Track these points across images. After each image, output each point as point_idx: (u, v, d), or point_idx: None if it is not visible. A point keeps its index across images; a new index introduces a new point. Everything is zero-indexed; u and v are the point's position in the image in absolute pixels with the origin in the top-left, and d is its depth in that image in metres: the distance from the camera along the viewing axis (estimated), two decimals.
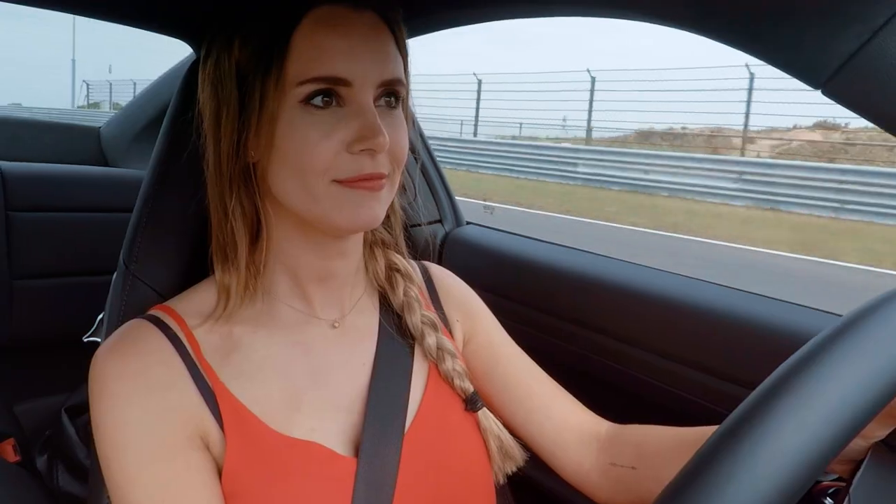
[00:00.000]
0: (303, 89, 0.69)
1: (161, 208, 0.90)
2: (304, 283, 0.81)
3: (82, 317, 0.91)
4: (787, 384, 0.43)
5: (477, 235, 1.61)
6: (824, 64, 0.58)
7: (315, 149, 0.69)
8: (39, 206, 1.69)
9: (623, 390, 1.25)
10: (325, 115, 0.70)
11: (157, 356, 0.72)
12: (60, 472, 1.07)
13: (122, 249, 0.91)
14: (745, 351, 1.03)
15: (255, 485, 0.70)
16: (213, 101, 0.74)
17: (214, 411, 0.72)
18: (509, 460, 0.86)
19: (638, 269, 1.30)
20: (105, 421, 0.70)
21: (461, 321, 0.95)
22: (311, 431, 0.75)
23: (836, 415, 0.41)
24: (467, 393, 0.85)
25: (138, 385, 0.70)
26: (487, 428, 0.86)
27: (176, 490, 0.68)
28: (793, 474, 0.40)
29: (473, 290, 1.01)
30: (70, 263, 1.73)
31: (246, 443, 0.71)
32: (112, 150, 2.14)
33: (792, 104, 13.29)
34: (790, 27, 0.60)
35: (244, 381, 0.75)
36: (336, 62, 0.69)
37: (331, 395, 0.79)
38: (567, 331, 1.32)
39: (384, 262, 0.90)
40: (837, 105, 0.60)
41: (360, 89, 0.71)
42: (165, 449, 0.69)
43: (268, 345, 0.78)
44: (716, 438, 0.43)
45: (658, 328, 1.16)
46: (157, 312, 0.77)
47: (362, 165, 0.71)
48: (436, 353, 0.85)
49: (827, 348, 0.44)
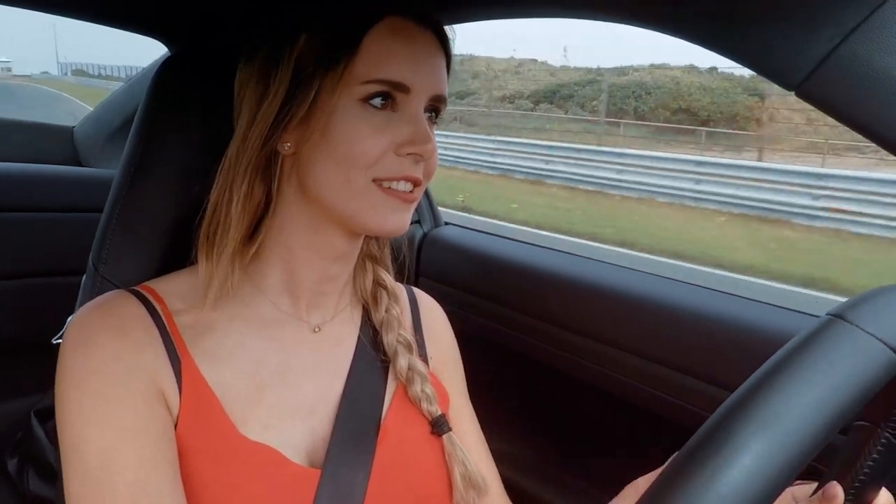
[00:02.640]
0: (365, 88, 0.72)
1: (131, 209, 0.88)
2: (296, 284, 0.81)
3: (52, 319, 0.90)
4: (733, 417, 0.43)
5: (455, 236, 1.61)
6: (797, 66, 0.59)
7: (365, 143, 0.72)
8: (9, 206, 1.66)
9: (598, 389, 1.25)
10: (379, 115, 0.73)
11: (135, 318, 0.74)
12: (31, 475, 1.05)
13: (91, 251, 0.90)
14: (720, 350, 1.04)
15: (198, 469, 0.71)
16: (260, 86, 0.75)
17: (178, 379, 0.73)
18: (472, 490, 0.85)
19: (615, 270, 1.31)
20: (74, 367, 0.70)
21: (435, 359, 0.95)
22: (265, 428, 0.75)
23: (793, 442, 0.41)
24: (434, 416, 0.85)
25: (115, 337, 0.72)
26: (452, 454, 0.85)
27: (132, 431, 0.68)
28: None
29: (451, 289, 1.02)
30: (40, 264, 1.70)
31: (199, 421, 0.72)
32: (86, 149, 2.11)
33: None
34: (763, 30, 0.61)
35: (213, 363, 0.75)
36: (401, 68, 0.73)
37: (297, 399, 0.79)
38: (543, 330, 1.33)
39: (372, 276, 0.91)
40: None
41: (415, 97, 0.75)
42: (130, 396, 0.69)
43: (243, 334, 0.78)
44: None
45: (634, 328, 1.17)
46: (136, 288, 0.78)
47: (405, 167, 0.74)
48: (406, 375, 0.85)
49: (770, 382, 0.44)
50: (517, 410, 1.46)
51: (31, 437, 1.03)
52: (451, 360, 0.99)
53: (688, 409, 1.07)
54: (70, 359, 0.71)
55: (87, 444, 0.67)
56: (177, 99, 0.90)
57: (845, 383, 0.43)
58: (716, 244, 9.05)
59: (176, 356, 0.74)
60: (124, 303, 0.75)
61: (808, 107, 0.63)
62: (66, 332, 0.73)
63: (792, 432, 0.41)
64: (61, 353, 0.72)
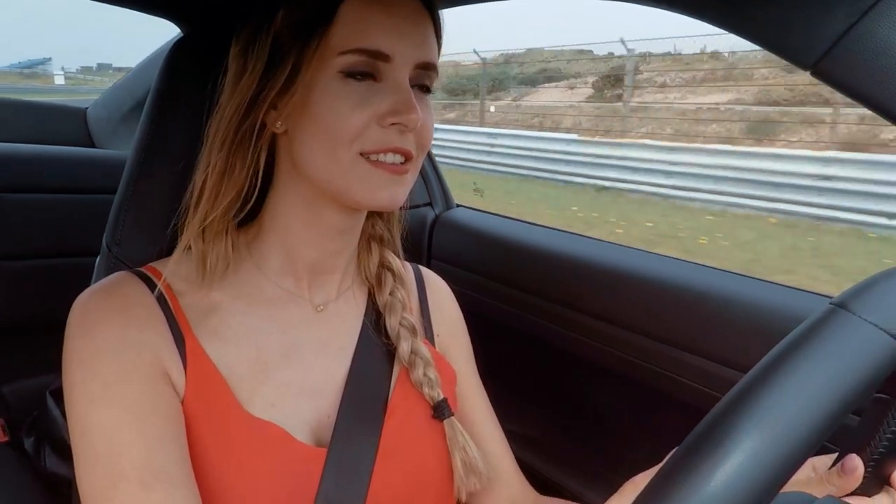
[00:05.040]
0: (344, 59, 0.71)
1: (144, 190, 0.89)
2: (296, 263, 0.81)
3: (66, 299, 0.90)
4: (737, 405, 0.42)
5: (467, 218, 1.61)
6: (813, 45, 0.58)
7: (348, 118, 0.71)
8: (23, 188, 1.67)
9: (611, 372, 1.25)
10: (361, 87, 0.72)
11: (138, 299, 0.74)
12: (47, 453, 1.06)
13: (105, 231, 0.90)
14: (737, 333, 1.03)
15: (205, 447, 0.71)
16: (239, 63, 0.75)
17: (183, 359, 0.73)
18: (473, 476, 0.85)
19: (627, 252, 1.31)
20: (79, 347, 0.71)
21: (441, 337, 0.95)
22: (271, 406, 0.75)
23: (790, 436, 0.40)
24: (436, 401, 0.85)
25: (118, 317, 0.72)
26: (453, 439, 0.85)
27: (137, 411, 0.68)
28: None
29: (463, 272, 1.01)
30: (54, 245, 1.72)
31: (205, 400, 0.72)
32: (99, 131, 2.12)
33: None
34: (779, 8, 0.60)
35: (217, 343, 0.76)
36: (380, 36, 0.71)
37: (301, 377, 0.79)
38: (555, 313, 1.33)
39: (378, 258, 0.90)
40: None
41: (398, 66, 0.72)
42: (135, 376, 0.69)
43: (246, 314, 0.79)
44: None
45: (647, 310, 1.17)
46: (140, 269, 0.79)
47: (391, 139, 0.72)
48: (408, 359, 0.85)
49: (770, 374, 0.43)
50: (529, 392, 1.46)
51: (47, 416, 1.04)
52: (458, 336, 0.99)
53: (702, 392, 1.07)
54: (75, 339, 0.72)
55: (94, 425, 0.67)
56: (189, 80, 0.90)
57: (847, 376, 0.42)
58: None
59: (180, 336, 0.74)
60: (128, 284, 0.76)
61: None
62: (71, 314, 0.74)
63: (791, 428, 0.40)
64: (67, 334, 0.73)
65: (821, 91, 10.69)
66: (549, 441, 1.42)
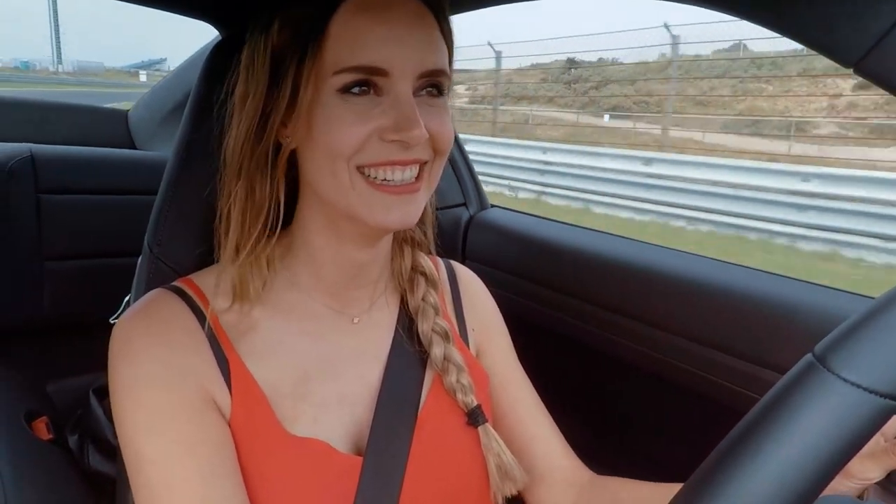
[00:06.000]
0: (339, 78, 0.68)
1: (184, 191, 0.90)
2: (328, 279, 0.80)
3: (109, 298, 0.92)
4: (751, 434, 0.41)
5: (502, 218, 1.61)
6: (856, 43, 0.57)
7: (347, 132, 0.68)
8: (69, 189, 1.71)
9: (652, 374, 1.24)
10: (361, 102, 0.68)
11: (179, 321, 0.74)
12: (91, 451, 1.08)
13: (147, 232, 0.92)
14: (773, 333, 1.02)
15: (251, 466, 0.71)
16: (242, 84, 0.73)
17: (227, 380, 0.73)
18: (509, 481, 0.84)
19: (663, 252, 1.29)
20: (124, 376, 0.70)
21: (478, 331, 0.95)
22: (313, 422, 0.75)
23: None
24: (469, 407, 0.84)
25: (161, 344, 0.71)
26: (488, 446, 0.84)
27: (189, 444, 0.68)
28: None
29: (498, 273, 1.01)
30: (98, 245, 1.75)
31: (250, 420, 0.72)
32: (139, 132, 2.16)
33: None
34: (821, 6, 0.59)
35: (258, 360, 0.75)
36: (372, 50, 0.67)
37: (340, 388, 0.79)
38: (590, 313, 1.31)
39: (410, 261, 0.89)
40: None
41: (398, 79, 0.68)
42: (182, 405, 0.69)
43: (284, 330, 0.78)
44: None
45: (686, 311, 1.15)
46: (179, 284, 0.78)
47: (392, 153, 0.69)
48: (441, 364, 0.84)
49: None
50: (565, 393, 1.44)
51: (90, 415, 1.06)
52: (494, 327, 0.98)
53: (740, 393, 1.06)
54: (119, 368, 0.71)
55: (146, 458, 0.67)
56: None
57: (827, 444, 0.39)
58: None
59: (223, 356, 0.74)
60: (167, 305, 0.75)
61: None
62: (112, 339, 0.73)
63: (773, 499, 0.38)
64: (111, 360, 0.72)
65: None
66: (585, 442, 1.41)
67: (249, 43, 0.73)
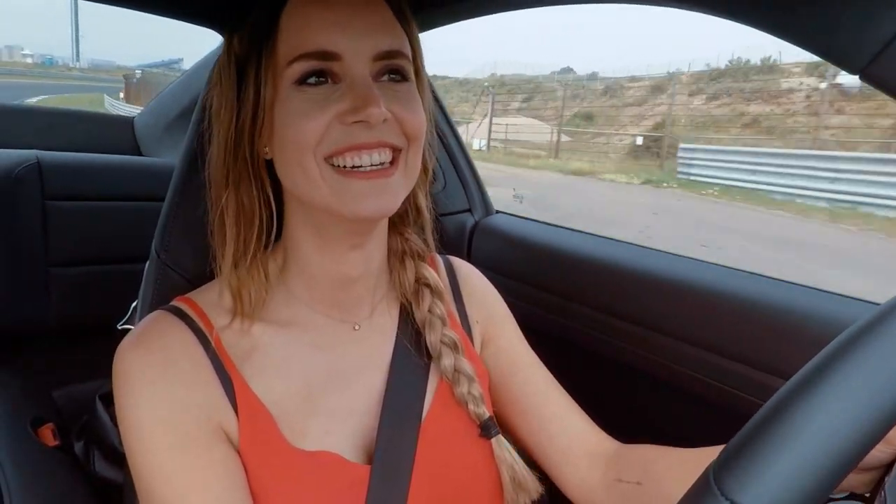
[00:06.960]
0: (294, 69, 0.68)
1: (191, 197, 0.90)
2: (322, 286, 0.80)
3: (117, 304, 0.92)
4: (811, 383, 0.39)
5: (507, 224, 1.60)
6: (862, 49, 0.57)
7: (308, 122, 0.67)
8: (75, 195, 1.71)
9: (656, 379, 1.23)
10: (318, 92, 0.68)
11: (180, 349, 0.72)
12: (96, 457, 1.08)
13: (154, 238, 0.92)
14: (784, 341, 1.01)
15: (262, 486, 0.71)
16: (217, 98, 0.74)
17: (232, 403, 0.72)
18: (523, 492, 0.83)
19: (670, 259, 1.28)
20: (130, 414, 0.69)
21: (481, 322, 0.94)
22: (325, 434, 0.75)
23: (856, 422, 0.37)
24: (482, 419, 0.83)
25: (163, 378, 0.70)
26: (501, 457, 0.83)
27: (200, 481, 0.67)
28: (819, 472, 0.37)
29: (504, 279, 1.00)
30: (105, 251, 1.75)
31: (257, 441, 0.72)
32: (145, 139, 2.17)
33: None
34: (826, 12, 0.59)
35: (263, 380, 0.74)
36: (321, 35, 0.67)
37: (348, 399, 0.78)
38: (597, 320, 1.31)
39: (413, 274, 0.87)
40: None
41: (351, 62, 0.68)
42: (189, 440, 0.68)
43: (287, 344, 0.78)
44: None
45: (691, 318, 1.15)
46: (179, 304, 0.77)
47: (355, 136, 0.68)
48: (451, 376, 0.83)
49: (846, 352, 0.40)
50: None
51: (96, 421, 1.06)
52: (498, 314, 0.97)
53: (747, 400, 1.05)
54: (122, 403, 0.70)
55: (158, 497, 0.67)
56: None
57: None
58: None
59: (227, 377, 0.73)
60: (167, 331, 0.73)
61: None
62: (114, 366, 0.72)
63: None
64: (114, 388, 0.71)
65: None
66: None
67: (219, 57, 0.75)
